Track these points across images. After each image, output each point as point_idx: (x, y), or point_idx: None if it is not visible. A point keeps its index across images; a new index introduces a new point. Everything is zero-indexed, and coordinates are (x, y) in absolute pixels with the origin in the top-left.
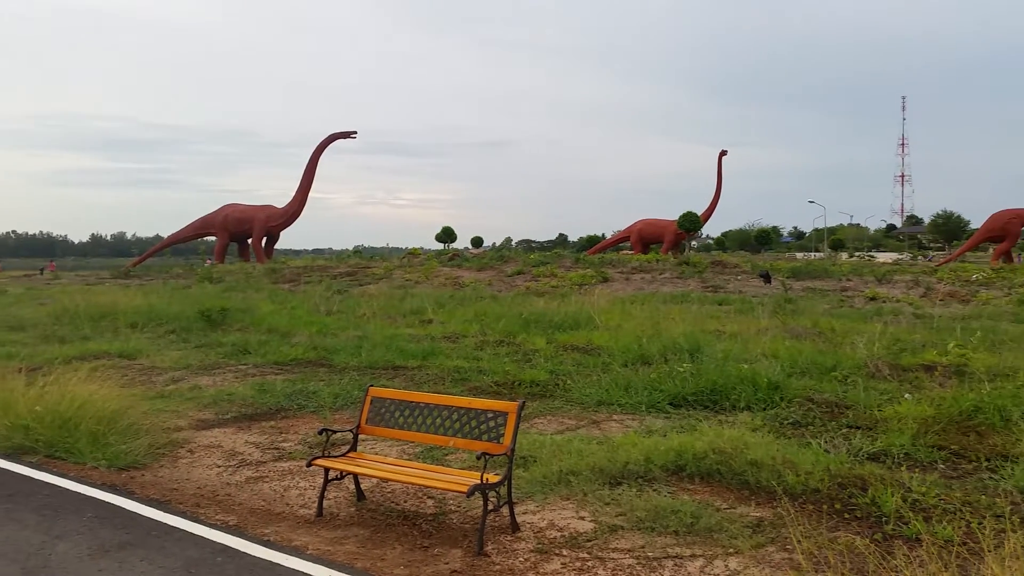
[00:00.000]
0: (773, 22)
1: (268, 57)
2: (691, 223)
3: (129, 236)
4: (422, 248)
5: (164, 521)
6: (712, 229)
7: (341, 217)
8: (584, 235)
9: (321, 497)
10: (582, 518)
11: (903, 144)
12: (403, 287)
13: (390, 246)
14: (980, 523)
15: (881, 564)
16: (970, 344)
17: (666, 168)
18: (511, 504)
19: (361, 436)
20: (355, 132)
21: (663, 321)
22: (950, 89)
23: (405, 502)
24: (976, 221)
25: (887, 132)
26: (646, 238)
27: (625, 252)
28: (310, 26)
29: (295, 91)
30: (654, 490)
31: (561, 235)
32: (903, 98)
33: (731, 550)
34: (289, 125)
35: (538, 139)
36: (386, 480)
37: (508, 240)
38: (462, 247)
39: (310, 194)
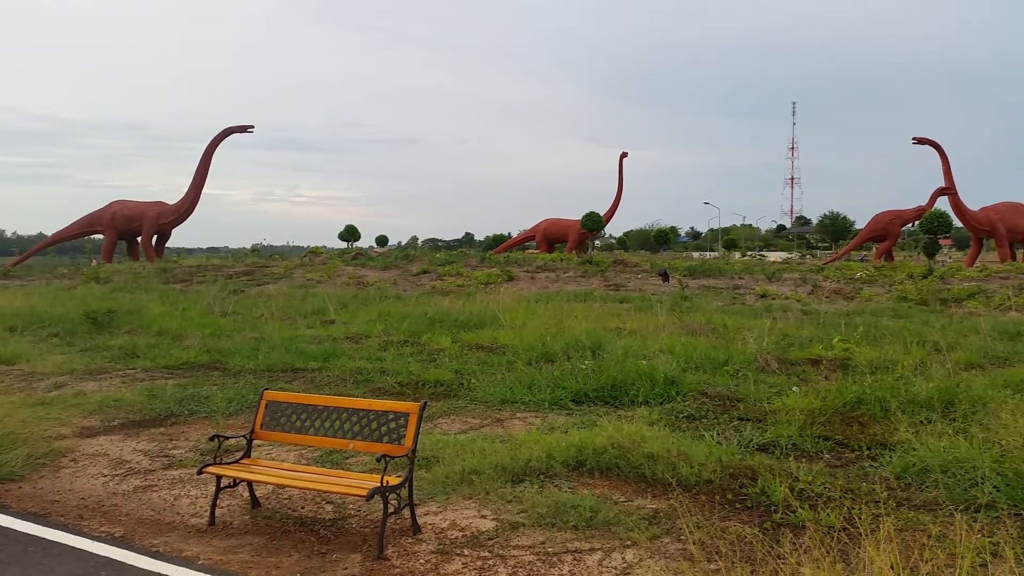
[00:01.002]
0: (674, 29)
1: (161, 46)
2: (594, 223)
3: (9, 234)
4: (324, 247)
5: (43, 536)
6: (614, 229)
7: (238, 214)
8: (490, 234)
9: (213, 505)
10: (484, 517)
11: (793, 148)
12: (304, 287)
13: (291, 244)
14: (859, 509)
15: (768, 552)
16: (853, 339)
17: (572, 168)
18: (412, 506)
19: (256, 442)
20: (252, 126)
21: (567, 319)
22: (836, 97)
23: (302, 508)
24: (860, 221)
25: (779, 137)
26: (551, 237)
27: (531, 251)
28: (205, 15)
29: (189, 83)
30: (555, 486)
31: (468, 234)
32: (793, 104)
33: (628, 542)
34: (183, 118)
35: (446, 138)
36: (282, 486)
37: (414, 239)
38: (366, 246)
39: (204, 190)
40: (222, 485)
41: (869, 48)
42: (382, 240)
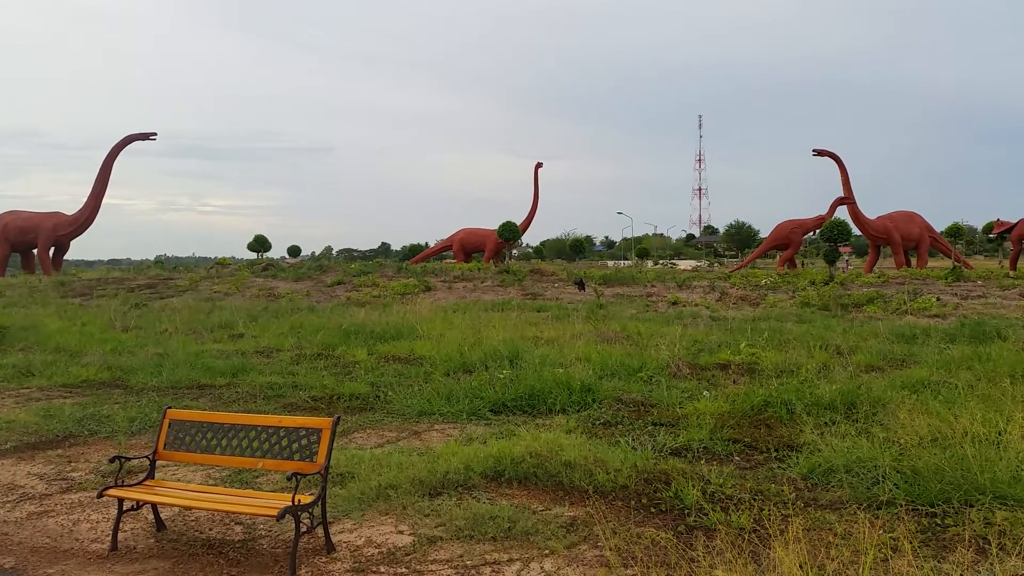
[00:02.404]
0: (588, 45)
1: (57, 50)
2: (510, 232)
3: None
4: (233, 258)
5: None
6: (531, 238)
7: (140, 225)
8: (407, 244)
9: (115, 530)
10: (401, 532)
11: (700, 160)
12: (211, 300)
13: (196, 256)
14: (768, 510)
15: (682, 556)
16: (759, 344)
17: (489, 179)
18: (326, 524)
19: (161, 462)
20: (155, 133)
21: (484, 329)
22: (740, 111)
23: (210, 530)
24: (765, 230)
25: (687, 149)
26: (468, 247)
27: (448, 261)
28: (103, 16)
29: (88, 89)
30: (473, 497)
31: (384, 244)
32: (699, 117)
33: (546, 551)
34: (81, 125)
35: (361, 147)
36: (188, 508)
37: (328, 249)
38: (278, 257)
39: (105, 200)
40: (124, 508)
41: (771, 65)
42: (294, 251)
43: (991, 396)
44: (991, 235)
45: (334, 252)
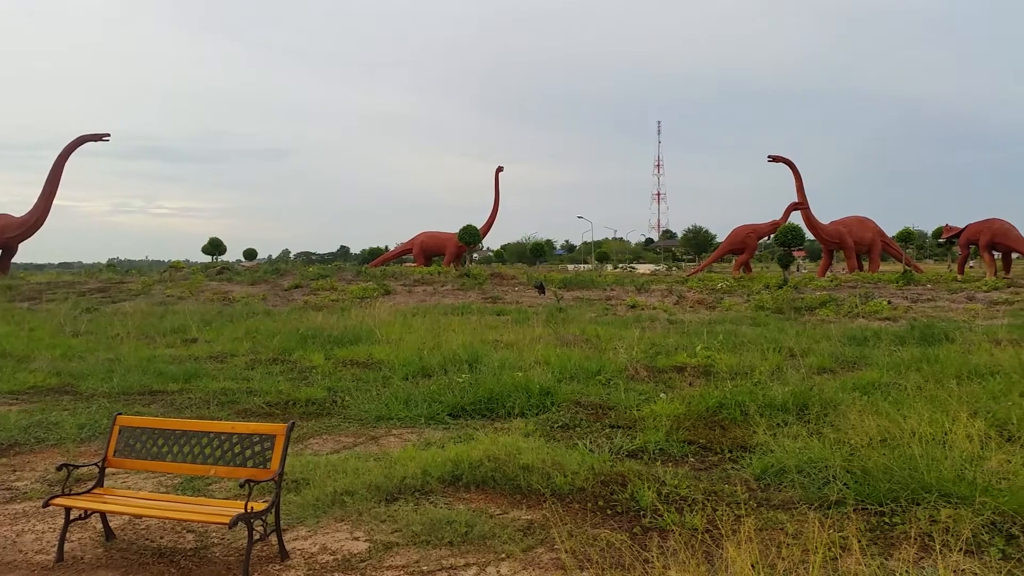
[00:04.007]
0: (550, 48)
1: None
2: (471, 236)
3: None
4: (187, 261)
5: None
6: (492, 242)
7: (92, 227)
8: (367, 247)
9: (62, 540)
10: (356, 538)
11: (659, 165)
12: (164, 304)
13: (150, 259)
14: (721, 511)
15: (637, 557)
16: (714, 346)
17: (450, 182)
18: (279, 531)
19: (110, 470)
20: (107, 134)
21: (444, 333)
22: (698, 117)
23: (161, 538)
24: (722, 235)
25: (647, 154)
26: (428, 250)
27: (408, 264)
28: (53, 12)
29: (37, 87)
30: (431, 503)
31: (343, 247)
32: (658, 123)
33: (503, 555)
34: (30, 126)
35: (321, 149)
36: (138, 516)
37: (286, 252)
38: (234, 260)
39: (55, 202)
40: (72, 517)
41: (728, 72)
42: (250, 254)
43: (938, 397)
44: (940, 240)
45: (292, 255)
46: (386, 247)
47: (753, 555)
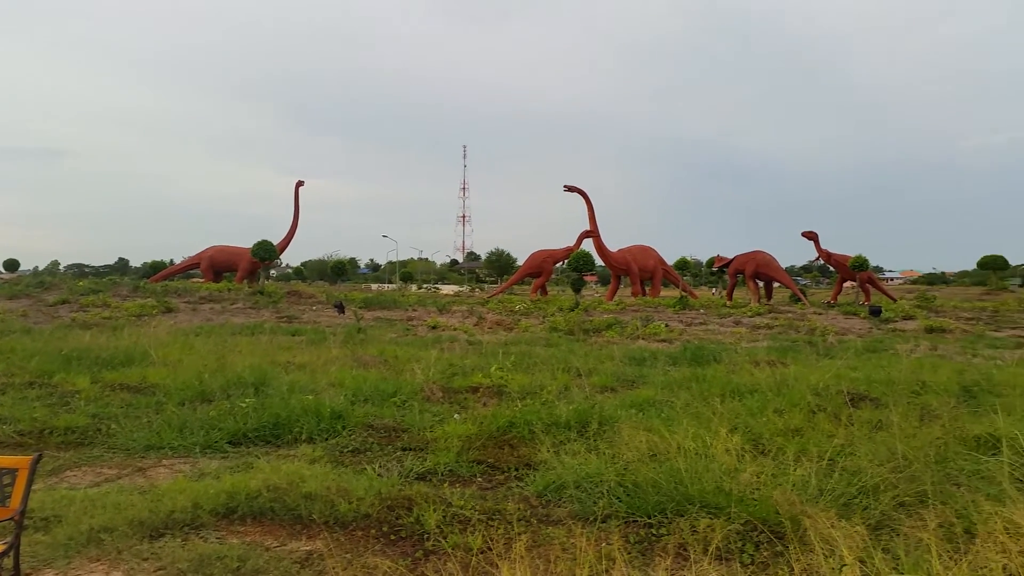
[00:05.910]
0: (356, 62)
1: None
2: (266, 252)
3: None
4: None
5: None
6: (292, 258)
7: None
8: (149, 260)
9: None
10: None
11: (464, 188)
12: None
13: None
14: (502, 529)
15: None
16: (508, 367)
17: (247, 194)
18: None
19: None
20: None
21: (229, 354)
22: (502, 143)
23: None
24: (523, 258)
25: (454, 176)
26: (218, 265)
27: (196, 280)
28: None
29: None
30: (201, 537)
31: (122, 260)
32: (464, 147)
33: None
34: None
35: (102, 152)
36: None
37: (55, 264)
38: None
39: None
40: None
41: (531, 102)
42: (11, 265)
43: (703, 414)
44: (713, 268)
45: (62, 267)
46: (171, 261)
47: (525, 572)
